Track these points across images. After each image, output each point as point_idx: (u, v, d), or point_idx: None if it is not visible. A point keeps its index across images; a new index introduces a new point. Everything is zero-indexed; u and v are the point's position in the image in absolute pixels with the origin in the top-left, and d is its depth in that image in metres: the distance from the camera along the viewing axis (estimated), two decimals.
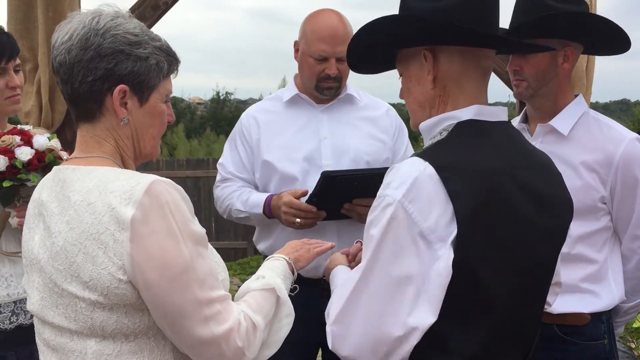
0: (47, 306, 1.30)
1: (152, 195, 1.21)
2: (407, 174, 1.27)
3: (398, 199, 1.25)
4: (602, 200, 2.01)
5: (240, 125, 2.55)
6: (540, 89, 2.04)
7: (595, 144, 2.01)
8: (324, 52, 2.34)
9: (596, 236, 2.04)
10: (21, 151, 1.92)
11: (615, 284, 2.06)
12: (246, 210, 2.43)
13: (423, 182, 1.25)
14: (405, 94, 1.48)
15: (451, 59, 1.39)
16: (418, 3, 1.39)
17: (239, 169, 2.52)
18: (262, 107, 2.59)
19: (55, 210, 1.29)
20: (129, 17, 1.35)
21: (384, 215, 1.27)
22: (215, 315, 1.25)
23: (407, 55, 1.44)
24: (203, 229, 1.31)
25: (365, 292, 1.29)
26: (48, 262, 1.28)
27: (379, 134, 2.50)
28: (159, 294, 1.21)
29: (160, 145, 1.47)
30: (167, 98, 1.40)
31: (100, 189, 1.24)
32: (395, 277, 1.26)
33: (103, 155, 1.34)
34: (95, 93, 1.31)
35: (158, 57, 1.34)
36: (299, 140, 2.43)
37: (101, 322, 1.24)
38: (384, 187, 1.30)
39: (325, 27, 2.36)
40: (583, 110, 2.08)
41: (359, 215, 2.27)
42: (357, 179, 2.21)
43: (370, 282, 1.29)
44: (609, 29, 1.97)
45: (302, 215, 2.26)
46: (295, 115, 2.49)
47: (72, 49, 1.29)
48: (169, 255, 1.20)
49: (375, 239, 1.28)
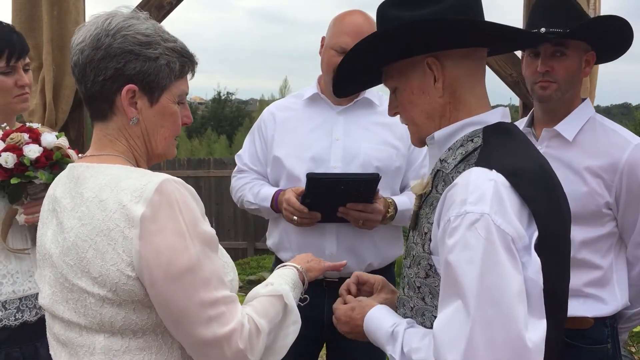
0: (58, 301, 1.32)
1: (163, 193, 1.22)
2: (482, 185, 1.20)
3: (487, 212, 1.17)
4: (607, 206, 2.00)
5: (260, 120, 2.62)
6: (568, 92, 2.03)
7: (600, 149, 2.00)
8: (345, 43, 2.34)
9: (601, 242, 2.02)
10: (29, 149, 1.93)
11: (620, 290, 2.05)
12: (256, 203, 2.48)
13: (501, 191, 1.20)
14: (406, 107, 1.41)
15: (456, 64, 1.35)
16: (406, 13, 1.34)
17: (254, 162, 2.58)
18: (282, 103, 2.64)
19: (68, 207, 1.31)
20: (144, 19, 1.36)
21: (475, 234, 1.16)
22: (219, 317, 1.25)
23: (403, 67, 1.38)
24: (213, 230, 1.31)
25: (481, 324, 1.14)
26: (59, 257, 1.30)
27: (393, 141, 2.46)
28: (163, 292, 1.22)
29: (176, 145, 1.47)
30: (180, 99, 1.40)
31: (112, 186, 1.26)
32: (510, 295, 1.14)
33: (116, 154, 1.36)
34: (106, 93, 1.32)
35: (169, 57, 1.35)
36: (311, 139, 2.44)
37: (110, 317, 1.25)
38: (460, 205, 1.19)
39: (350, 22, 2.39)
40: (589, 115, 2.06)
41: (354, 219, 2.29)
42: (343, 183, 2.21)
43: (485, 310, 1.14)
44: (620, 27, 1.96)
45: (297, 214, 2.28)
46: (312, 114, 2.50)
47: (85, 49, 1.32)
48: (174, 254, 1.21)
49: (475, 263, 1.15)
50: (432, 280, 1.32)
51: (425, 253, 1.33)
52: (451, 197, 1.23)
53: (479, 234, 1.16)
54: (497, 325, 1.14)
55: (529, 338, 1.14)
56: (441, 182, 1.34)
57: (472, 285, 1.15)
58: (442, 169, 1.35)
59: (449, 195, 1.24)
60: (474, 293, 1.15)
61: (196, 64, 1.43)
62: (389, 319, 1.42)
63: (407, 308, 1.42)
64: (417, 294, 1.37)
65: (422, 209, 1.39)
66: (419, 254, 1.36)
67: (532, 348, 1.14)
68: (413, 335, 1.33)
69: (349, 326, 1.53)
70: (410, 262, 1.39)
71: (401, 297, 1.45)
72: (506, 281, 1.15)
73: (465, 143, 1.32)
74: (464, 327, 1.15)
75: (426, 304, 1.35)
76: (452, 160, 1.33)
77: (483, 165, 1.24)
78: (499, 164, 1.23)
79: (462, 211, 1.19)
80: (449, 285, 1.21)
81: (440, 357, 1.19)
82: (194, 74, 1.44)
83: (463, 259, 1.17)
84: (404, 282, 1.45)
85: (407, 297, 1.42)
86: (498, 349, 1.14)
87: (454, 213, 1.20)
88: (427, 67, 1.35)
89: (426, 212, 1.36)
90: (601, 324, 2.05)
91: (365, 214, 2.27)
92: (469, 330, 1.15)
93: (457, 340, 1.16)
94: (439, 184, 1.34)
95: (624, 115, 21.68)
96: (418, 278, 1.36)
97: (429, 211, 1.34)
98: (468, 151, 1.30)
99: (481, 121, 1.34)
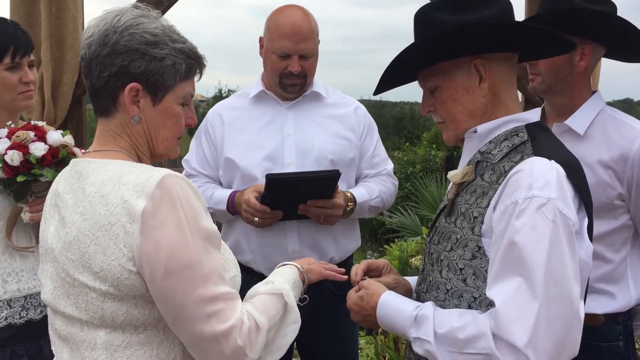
0: (60, 296, 1.32)
1: (164, 188, 1.22)
2: (547, 173, 1.30)
3: (554, 197, 1.27)
4: (620, 197, 1.96)
5: (205, 122, 2.54)
6: (555, 85, 2.02)
7: (611, 142, 1.97)
8: (286, 49, 2.32)
9: (614, 235, 1.99)
10: (35, 147, 1.93)
11: (634, 285, 2.00)
12: (210, 206, 2.38)
13: (562, 179, 1.31)
14: (448, 105, 1.48)
15: (500, 67, 1.45)
16: (453, 17, 1.41)
17: (203, 166, 2.51)
18: (228, 103, 2.57)
19: (70, 202, 1.31)
20: (154, 18, 1.36)
21: (542, 217, 1.26)
22: (218, 313, 1.24)
23: (447, 67, 1.45)
24: (215, 226, 1.31)
25: (552, 302, 1.25)
26: (61, 252, 1.30)
27: (344, 132, 2.45)
28: (163, 287, 1.22)
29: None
30: (185, 100, 1.40)
31: (114, 181, 1.26)
32: (569, 276, 1.26)
33: (119, 150, 1.36)
34: (110, 89, 1.32)
35: (175, 58, 1.34)
36: (262, 138, 2.40)
37: (111, 312, 1.25)
38: (527, 189, 1.28)
39: (288, 23, 2.32)
40: (600, 108, 2.04)
41: (315, 215, 2.28)
42: (303, 182, 2.19)
43: (553, 290, 1.25)
44: (631, 35, 1.93)
45: (258, 215, 2.24)
46: (261, 112, 2.46)
47: (92, 44, 1.32)
48: (174, 249, 1.21)
49: (543, 244, 1.25)
50: (478, 262, 1.38)
51: (475, 235, 1.39)
52: (516, 181, 1.31)
53: (546, 217, 1.26)
54: (559, 303, 1.24)
55: (580, 315, 1.27)
56: (488, 171, 1.42)
57: (540, 264, 1.24)
58: (485, 160, 1.44)
59: (513, 180, 1.32)
60: (542, 271, 1.24)
61: (204, 66, 1.42)
62: (408, 304, 1.46)
63: (441, 291, 1.46)
64: (457, 275, 1.42)
65: (461, 196, 1.47)
66: (466, 236, 1.41)
67: (581, 324, 1.28)
68: (446, 316, 1.37)
69: (361, 315, 1.57)
70: (452, 245, 1.44)
71: (436, 280, 1.48)
72: (567, 262, 1.26)
73: (510, 137, 1.43)
74: (532, 303, 1.24)
75: (467, 285, 1.40)
76: (498, 152, 1.42)
77: (542, 155, 1.34)
78: (555, 156, 1.35)
79: (529, 195, 1.28)
80: (509, 264, 1.28)
81: (504, 332, 1.25)
82: (202, 75, 1.43)
83: (531, 239, 1.26)
84: (439, 266, 1.48)
85: (445, 279, 1.45)
86: (557, 324, 1.24)
87: (521, 196, 1.28)
88: (473, 68, 1.43)
89: (467, 199, 1.44)
90: (612, 321, 1.99)
91: (326, 210, 2.26)
92: (537, 306, 1.23)
93: (523, 316, 1.24)
94: (485, 173, 1.43)
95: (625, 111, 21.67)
96: (462, 260, 1.41)
97: (472, 198, 1.42)
98: (515, 144, 1.41)
99: (523, 119, 1.46)
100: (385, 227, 8.28)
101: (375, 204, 2.47)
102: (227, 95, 25.94)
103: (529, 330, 1.23)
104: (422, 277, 1.57)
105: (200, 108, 27.37)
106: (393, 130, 27.28)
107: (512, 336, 1.23)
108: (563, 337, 1.25)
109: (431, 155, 12.50)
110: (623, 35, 1.95)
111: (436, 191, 7.92)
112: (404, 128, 27.70)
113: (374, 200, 2.46)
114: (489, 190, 1.39)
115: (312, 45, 2.37)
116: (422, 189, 8.19)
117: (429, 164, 11.99)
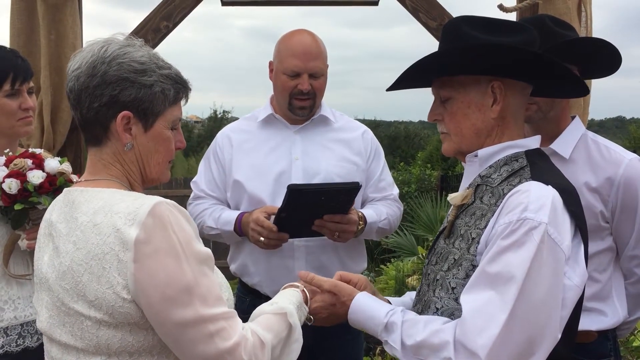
0: (55, 324, 1.33)
1: (156, 215, 1.24)
2: (543, 197, 1.33)
3: (545, 222, 1.30)
4: (605, 219, 2.02)
5: (214, 144, 2.58)
6: (549, 112, 2.05)
7: (596, 165, 2.03)
8: (297, 67, 2.36)
9: (601, 256, 2.05)
10: (33, 174, 1.94)
11: (619, 303, 2.07)
12: (217, 227, 2.42)
13: (557, 205, 1.34)
14: (458, 117, 1.50)
15: (515, 94, 1.48)
16: (485, 36, 1.43)
17: (212, 188, 2.52)
18: (237, 126, 2.61)
19: (63, 231, 1.33)
20: (139, 46, 1.39)
21: (530, 238, 1.29)
22: (220, 331, 1.26)
23: (465, 81, 1.48)
24: (208, 249, 1.33)
25: (519, 318, 1.28)
26: (56, 281, 1.31)
27: (352, 157, 2.48)
28: (161, 312, 1.23)
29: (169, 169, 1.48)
30: (174, 124, 1.43)
31: (106, 210, 1.27)
32: (550, 299, 1.29)
33: (110, 178, 1.38)
34: (101, 119, 1.34)
35: (164, 84, 1.37)
36: (270, 161, 2.43)
37: (106, 340, 1.26)
38: (521, 211, 1.32)
39: (297, 44, 2.39)
40: (581, 132, 2.10)
41: (330, 232, 2.27)
42: (324, 193, 2.19)
43: (523, 308, 1.28)
44: (605, 50, 2.01)
45: (265, 234, 2.24)
46: (269, 135, 2.49)
47: (80, 75, 1.34)
48: (170, 274, 1.22)
49: (524, 263, 1.28)
50: None
51: (470, 255, 1.42)
52: (512, 203, 1.35)
53: (534, 239, 1.29)
54: (525, 323, 1.27)
55: (549, 339, 1.29)
56: (487, 194, 1.45)
57: (516, 282, 1.27)
58: (485, 184, 1.48)
59: (510, 201, 1.36)
60: (516, 289, 1.27)
61: (189, 90, 1.45)
62: (380, 309, 1.51)
63: (431, 310, 1.49)
64: (449, 294, 1.45)
65: (461, 219, 1.50)
66: (463, 256, 1.44)
67: (550, 346, 1.30)
68: (413, 327, 1.42)
69: (329, 321, 1.62)
70: (448, 265, 1.47)
71: (429, 299, 1.51)
72: (545, 285, 1.29)
73: (510, 162, 1.46)
74: (499, 316, 1.27)
75: (458, 304, 1.41)
76: (498, 176, 1.46)
77: (540, 180, 1.37)
78: (552, 182, 1.38)
79: (522, 216, 1.32)
80: (487, 276, 1.32)
81: (468, 340, 1.29)
82: (188, 99, 1.46)
83: (514, 257, 1.30)
84: (434, 285, 1.50)
85: (437, 297, 1.48)
86: (520, 341, 1.27)
87: (515, 217, 1.33)
88: (490, 89, 1.46)
89: (466, 221, 1.47)
90: (604, 337, 2.06)
91: (342, 225, 2.26)
92: (504, 320, 1.27)
93: (489, 327, 1.27)
94: (484, 196, 1.46)
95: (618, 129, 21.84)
96: (455, 279, 1.44)
97: (472, 220, 1.46)
98: (514, 169, 1.44)
99: (523, 145, 1.49)
100: (381, 247, 8.28)
101: (383, 226, 2.48)
102: (222, 116, 25.96)
103: (491, 341, 1.27)
104: (418, 297, 1.60)
105: (195, 129, 27.37)
106: (387, 150, 27.26)
107: (475, 345, 1.28)
108: (524, 356, 1.28)
109: (426, 175, 12.54)
110: (600, 54, 2.04)
111: (431, 211, 7.93)
112: (398, 147, 27.75)
113: (382, 222, 2.47)
114: (487, 212, 1.42)
115: (322, 65, 2.42)
116: (418, 208, 8.20)
117: (423, 183, 12.02)
